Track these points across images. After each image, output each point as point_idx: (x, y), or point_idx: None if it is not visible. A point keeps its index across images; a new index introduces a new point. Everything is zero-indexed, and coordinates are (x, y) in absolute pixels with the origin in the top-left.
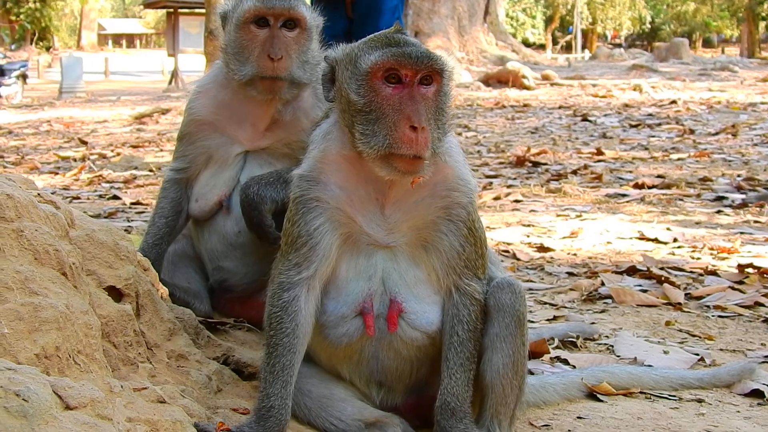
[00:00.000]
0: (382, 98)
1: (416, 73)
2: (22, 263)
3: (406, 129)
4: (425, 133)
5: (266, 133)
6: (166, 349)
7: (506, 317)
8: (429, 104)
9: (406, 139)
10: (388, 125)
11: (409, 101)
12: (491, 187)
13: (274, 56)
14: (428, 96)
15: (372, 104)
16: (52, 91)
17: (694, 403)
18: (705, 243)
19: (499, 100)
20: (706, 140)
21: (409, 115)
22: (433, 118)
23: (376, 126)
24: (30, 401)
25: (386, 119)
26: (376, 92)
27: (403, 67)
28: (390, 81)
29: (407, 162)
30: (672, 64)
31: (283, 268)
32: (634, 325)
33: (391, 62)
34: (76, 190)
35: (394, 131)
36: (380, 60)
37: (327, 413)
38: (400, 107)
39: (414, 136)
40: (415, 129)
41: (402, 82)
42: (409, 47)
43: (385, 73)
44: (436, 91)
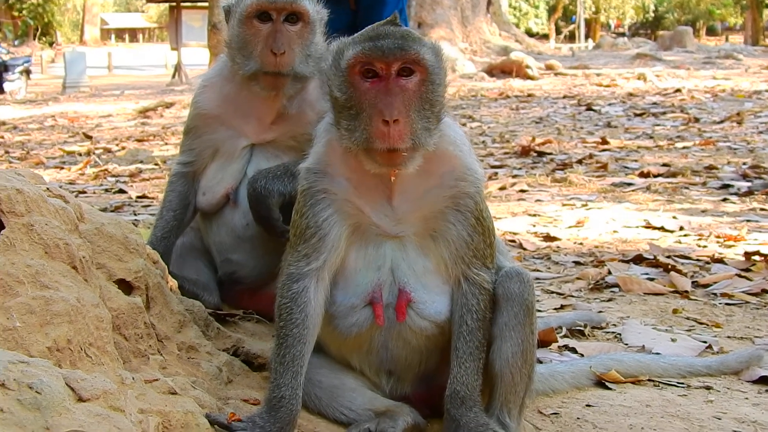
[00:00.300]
0: (361, 93)
1: (389, 65)
2: (33, 257)
3: (379, 123)
4: (399, 125)
5: (272, 126)
6: (176, 341)
7: (515, 306)
8: (409, 96)
9: (379, 134)
10: (365, 120)
11: (384, 95)
12: (496, 177)
13: (277, 51)
14: (409, 87)
15: (352, 100)
16: (56, 87)
17: (702, 391)
18: (711, 231)
19: (503, 91)
20: (711, 128)
21: (381, 109)
22: (418, 109)
23: (356, 121)
24: (43, 393)
25: (364, 114)
26: (355, 87)
27: (376, 60)
28: (367, 75)
29: (385, 156)
30: (676, 52)
31: (293, 259)
32: (641, 313)
33: (364, 57)
34: (82, 185)
35: (370, 126)
36: (354, 55)
37: (337, 403)
38: (375, 102)
39: (387, 130)
40: (388, 123)
41: (379, 76)
42: (384, 40)
43: (362, 68)
44: (420, 82)
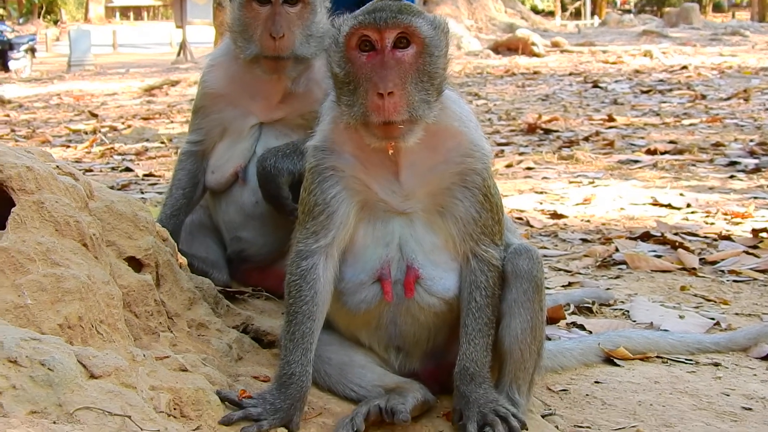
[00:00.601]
0: (357, 67)
1: (383, 37)
2: (44, 234)
3: (373, 96)
4: (393, 98)
5: (280, 105)
6: (186, 318)
7: (524, 283)
8: (405, 68)
9: (374, 106)
10: (362, 94)
11: (379, 67)
12: (503, 155)
13: (276, 35)
14: (404, 60)
15: (350, 75)
16: (61, 65)
17: (710, 367)
18: (719, 208)
19: (509, 68)
20: (717, 105)
21: (375, 81)
22: (415, 82)
23: (354, 96)
24: (55, 370)
25: (360, 88)
26: (353, 62)
27: (369, 31)
28: (364, 49)
29: (381, 128)
30: (682, 29)
31: (301, 236)
32: (649, 290)
33: (358, 29)
34: (88, 163)
35: (366, 99)
36: (350, 29)
37: (347, 380)
38: (371, 75)
39: (381, 102)
40: (383, 96)
41: (375, 49)
42: (379, 12)
43: (358, 41)
44: (416, 54)
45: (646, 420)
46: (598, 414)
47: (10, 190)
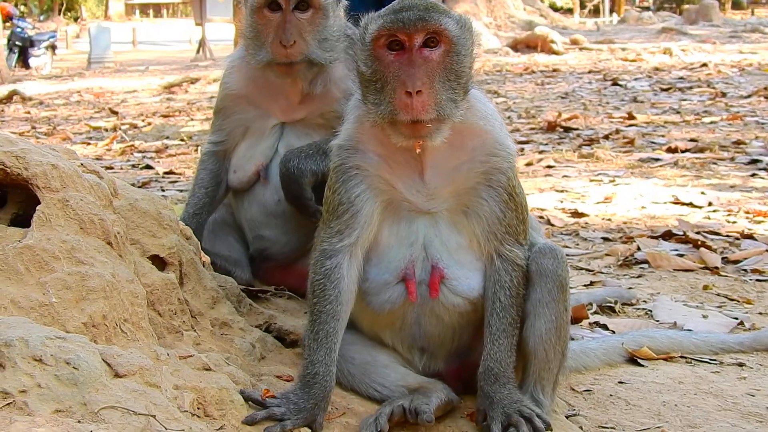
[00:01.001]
0: (385, 66)
1: (412, 37)
2: (69, 233)
3: (402, 95)
4: (422, 96)
5: (300, 105)
6: (209, 317)
7: (548, 282)
8: (433, 67)
9: (402, 105)
10: (389, 93)
11: (408, 66)
12: (523, 153)
13: (286, 43)
14: (432, 58)
15: (377, 73)
16: (81, 62)
17: (735, 367)
18: (740, 206)
19: (528, 66)
20: (738, 103)
21: (404, 80)
22: (443, 81)
23: (381, 94)
24: (80, 369)
25: (388, 86)
26: (380, 61)
27: (399, 32)
28: (392, 48)
29: (409, 127)
30: (702, 26)
31: (326, 235)
32: (671, 289)
33: (387, 29)
34: (109, 160)
35: (393, 98)
36: (378, 28)
37: (370, 379)
38: (398, 73)
39: (410, 101)
40: (411, 94)
41: (403, 48)
42: (407, 12)
43: (386, 41)
44: (444, 53)
45: (671, 421)
46: (623, 414)
47: (35, 188)
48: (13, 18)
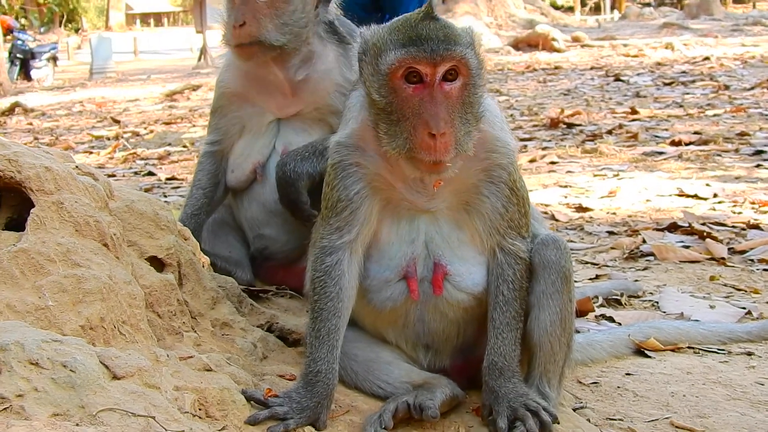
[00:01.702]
0: (403, 100)
1: (436, 70)
2: (64, 235)
3: (425, 136)
4: (445, 137)
5: (293, 99)
6: (210, 317)
7: (552, 274)
8: (453, 102)
9: (425, 146)
10: (408, 129)
11: (430, 104)
12: (526, 150)
13: (235, 23)
14: (452, 93)
15: (393, 105)
16: (83, 72)
17: (743, 357)
18: (746, 197)
19: (530, 64)
20: (741, 95)
21: (427, 120)
22: (461, 115)
23: (397, 127)
24: (77, 372)
25: (407, 122)
26: (397, 93)
27: (422, 65)
28: (410, 81)
29: (428, 165)
30: (703, 20)
31: (325, 232)
32: (677, 281)
33: (409, 62)
34: (111, 168)
35: (414, 136)
36: (398, 60)
37: (374, 377)
38: (419, 111)
39: (433, 143)
40: (435, 136)
41: (423, 81)
42: (430, 43)
43: (405, 72)
44: (463, 86)
45: (680, 411)
46: (630, 406)
47: (29, 191)
48: (13, 31)
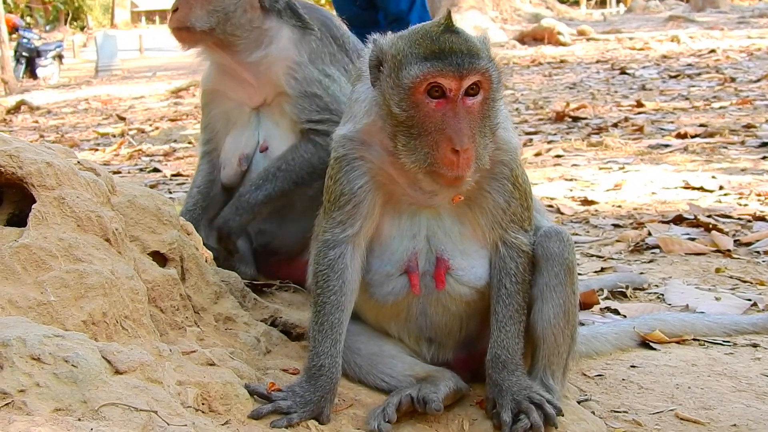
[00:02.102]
0: (424, 114)
1: (461, 85)
2: (65, 230)
3: (447, 151)
4: (467, 153)
5: (257, 86)
6: (213, 312)
7: (555, 266)
8: (474, 116)
9: (447, 162)
10: (430, 144)
11: (453, 119)
12: (531, 144)
13: (171, 9)
14: (474, 108)
15: (414, 119)
16: (89, 70)
17: (749, 348)
18: (752, 189)
19: (536, 58)
20: (747, 87)
21: (451, 136)
22: (481, 129)
23: (418, 141)
24: (79, 367)
25: (428, 137)
26: (419, 107)
27: (446, 80)
28: (433, 95)
29: (449, 180)
30: (709, 13)
31: (328, 225)
32: (683, 273)
33: (434, 77)
34: (116, 165)
35: (436, 151)
36: (422, 74)
37: (377, 370)
38: (442, 126)
39: (455, 159)
40: (458, 152)
41: (446, 96)
42: (454, 57)
43: (428, 87)
44: (483, 100)
45: (685, 403)
46: (635, 398)
47: (30, 187)
48: (19, 29)
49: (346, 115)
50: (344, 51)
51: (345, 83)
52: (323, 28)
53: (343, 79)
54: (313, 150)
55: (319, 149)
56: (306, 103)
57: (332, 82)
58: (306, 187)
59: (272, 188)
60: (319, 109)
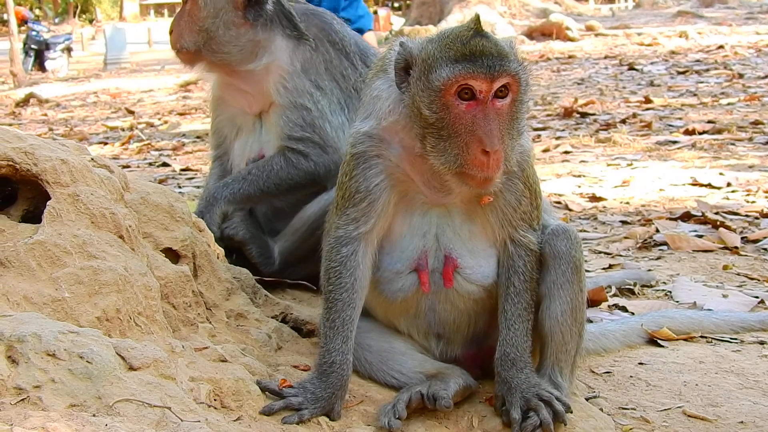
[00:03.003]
0: (455, 116)
1: (491, 87)
2: (80, 227)
3: (478, 152)
4: (498, 155)
5: (255, 97)
6: (224, 308)
7: (563, 264)
8: (504, 118)
9: (478, 163)
10: (460, 145)
11: (483, 121)
12: (540, 140)
13: (168, 31)
14: (503, 110)
15: (444, 121)
16: (97, 63)
17: (756, 346)
18: (759, 186)
19: (544, 53)
20: (755, 84)
21: (481, 137)
22: (509, 130)
23: (448, 143)
24: (94, 363)
25: (459, 138)
26: (449, 109)
27: (477, 82)
28: (463, 97)
29: (478, 181)
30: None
31: (341, 222)
32: (690, 270)
33: (465, 78)
34: (126, 159)
35: (466, 153)
36: (453, 76)
37: (388, 367)
38: (473, 127)
39: (486, 160)
40: (488, 153)
41: (476, 98)
42: (485, 59)
43: (459, 89)
44: (512, 102)
45: (692, 400)
46: (643, 395)
47: (45, 184)
48: (28, 22)
49: (363, 111)
50: (343, 54)
51: (338, 95)
52: (321, 34)
53: (336, 90)
54: (284, 165)
55: (290, 166)
56: (293, 116)
57: (323, 96)
58: (272, 197)
59: (238, 188)
60: (304, 124)
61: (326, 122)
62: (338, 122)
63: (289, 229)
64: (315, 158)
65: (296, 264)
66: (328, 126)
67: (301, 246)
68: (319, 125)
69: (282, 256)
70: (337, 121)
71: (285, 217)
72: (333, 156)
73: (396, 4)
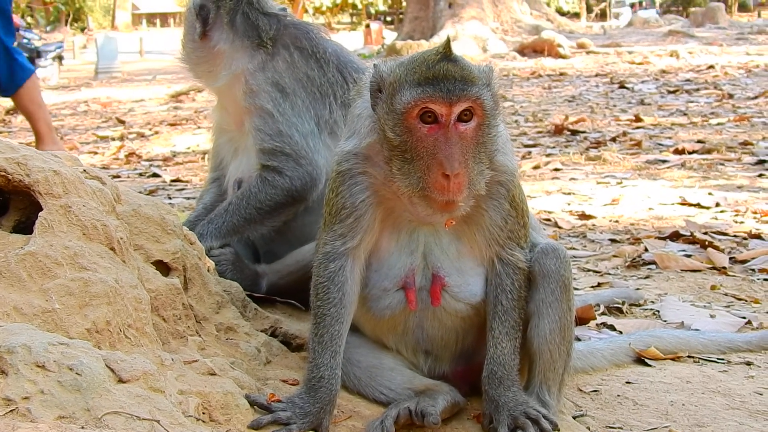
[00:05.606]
0: (417, 139)
1: (452, 110)
2: (71, 239)
3: (438, 176)
4: (459, 178)
5: (231, 112)
6: (214, 321)
7: (551, 283)
8: (468, 142)
9: (439, 186)
10: (422, 168)
11: (445, 144)
12: (530, 156)
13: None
14: (467, 134)
15: (407, 144)
16: (89, 72)
17: (743, 366)
18: (748, 207)
19: (535, 70)
20: (745, 104)
21: (442, 161)
22: (475, 155)
23: (411, 166)
24: (83, 375)
25: (421, 161)
26: (412, 132)
27: (437, 105)
28: (425, 121)
29: (441, 204)
30: (708, 29)
31: (329, 238)
32: (679, 290)
33: (425, 102)
34: (116, 169)
35: (428, 176)
36: (413, 100)
37: (377, 383)
38: (434, 151)
39: (446, 183)
40: (448, 176)
41: (438, 122)
42: (446, 83)
43: (420, 112)
44: (477, 126)
45: (679, 420)
46: (630, 415)
47: (37, 194)
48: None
49: (348, 130)
50: (312, 58)
51: (303, 96)
52: (290, 40)
53: (300, 91)
54: (260, 186)
55: (266, 185)
56: (259, 122)
57: (285, 98)
58: (257, 223)
59: (222, 222)
60: (272, 133)
61: (293, 128)
62: (307, 129)
63: (282, 266)
64: (290, 173)
65: (283, 296)
66: (296, 132)
67: (292, 287)
68: (285, 132)
69: (269, 291)
70: (306, 128)
71: (281, 241)
72: (307, 168)
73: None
